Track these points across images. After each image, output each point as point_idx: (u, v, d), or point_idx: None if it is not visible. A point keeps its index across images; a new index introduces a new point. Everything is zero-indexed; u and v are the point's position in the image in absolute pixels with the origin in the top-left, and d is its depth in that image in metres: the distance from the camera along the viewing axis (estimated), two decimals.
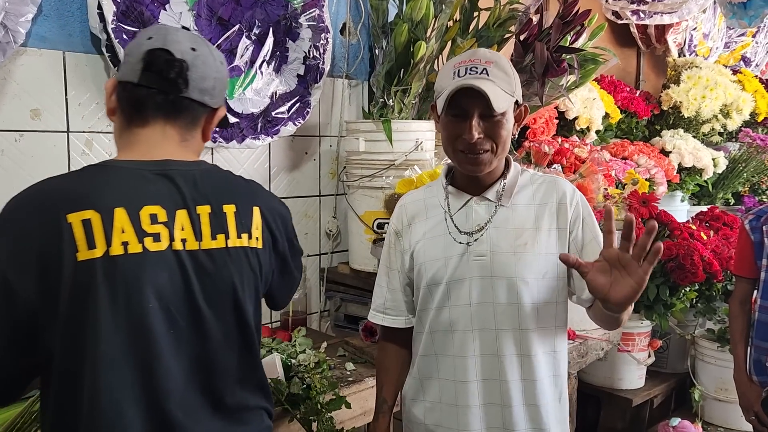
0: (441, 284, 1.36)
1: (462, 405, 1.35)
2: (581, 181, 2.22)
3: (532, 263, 1.33)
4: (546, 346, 1.36)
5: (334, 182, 2.43)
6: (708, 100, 3.59)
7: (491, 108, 1.25)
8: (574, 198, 1.38)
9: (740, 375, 2.21)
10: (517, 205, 1.37)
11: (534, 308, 1.33)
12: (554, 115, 2.83)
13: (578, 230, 1.37)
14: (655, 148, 3.37)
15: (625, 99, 3.48)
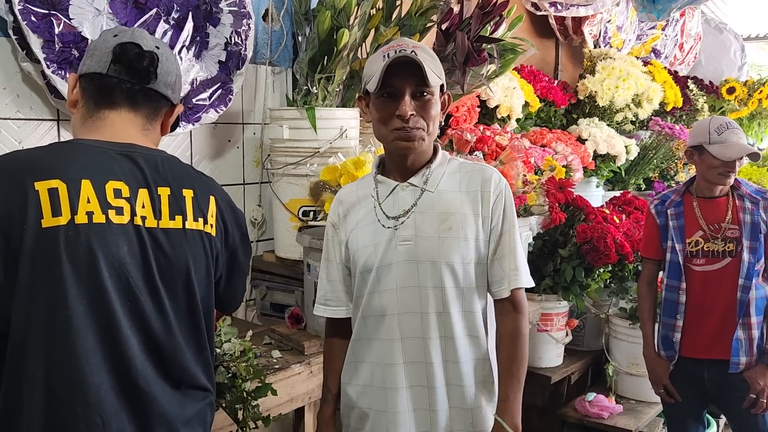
0: (372, 270, 1.40)
1: (390, 387, 1.39)
2: (501, 167, 2.29)
3: (456, 248, 1.37)
4: (470, 329, 1.41)
5: (258, 170, 2.40)
6: (621, 90, 3.77)
7: (424, 83, 1.30)
8: (498, 187, 1.42)
9: (649, 350, 2.36)
10: (443, 191, 1.40)
11: (458, 292, 1.38)
12: (476, 104, 2.90)
13: (498, 220, 1.41)
14: (572, 136, 3.51)
15: (544, 88, 3.60)
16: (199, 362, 1.21)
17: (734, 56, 5.80)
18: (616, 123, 3.93)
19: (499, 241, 1.41)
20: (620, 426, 2.60)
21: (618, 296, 2.93)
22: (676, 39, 5.23)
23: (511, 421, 1.39)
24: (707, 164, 2.18)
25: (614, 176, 3.94)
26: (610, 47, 4.40)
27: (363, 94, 1.43)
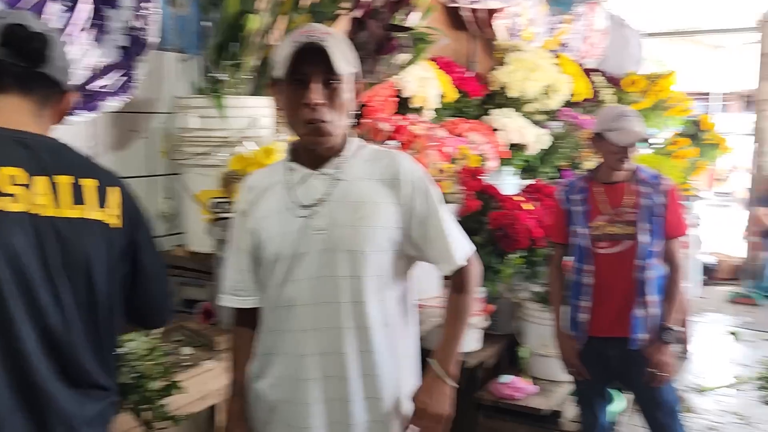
0: (282, 260, 1.37)
1: (302, 379, 1.37)
2: (415, 156, 2.31)
3: (371, 237, 1.35)
4: (387, 318, 1.40)
5: (166, 161, 2.31)
6: (530, 81, 3.89)
7: (333, 71, 1.27)
8: (413, 173, 1.41)
9: (559, 331, 2.45)
10: (356, 180, 1.39)
11: (374, 281, 1.37)
12: (392, 94, 2.91)
13: (418, 206, 1.40)
14: (487, 126, 3.59)
15: (459, 79, 3.65)
16: (99, 360, 1.15)
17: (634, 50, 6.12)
18: (528, 114, 4.05)
19: (425, 227, 1.40)
20: (533, 406, 2.70)
21: (530, 280, 3.03)
22: (583, 33, 5.45)
23: (445, 367, 1.42)
24: (606, 150, 2.30)
25: (528, 165, 4.07)
26: (521, 40, 4.52)
27: (273, 81, 1.39)
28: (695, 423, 3.68)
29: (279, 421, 1.40)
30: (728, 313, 6.03)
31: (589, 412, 2.48)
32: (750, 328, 5.52)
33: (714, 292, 6.73)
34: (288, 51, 1.28)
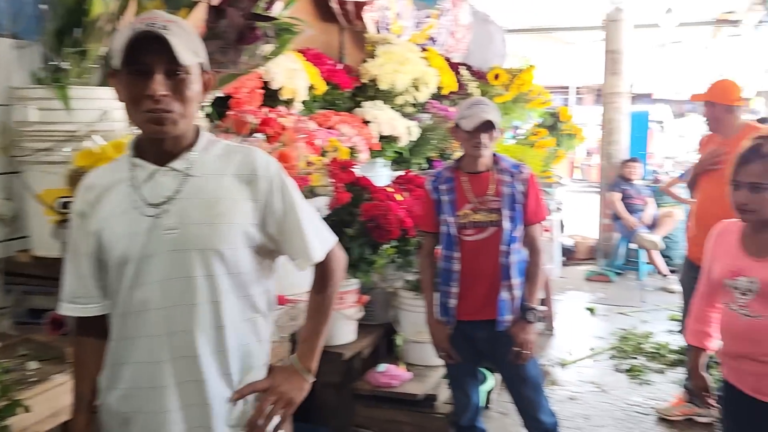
0: (130, 262, 1.28)
1: (158, 386, 1.29)
2: (283, 149, 2.26)
3: (227, 234, 1.31)
4: (247, 315, 1.36)
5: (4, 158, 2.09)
6: (400, 74, 3.95)
7: (176, 61, 1.21)
8: (268, 169, 1.38)
9: (430, 318, 2.52)
10: (209, 176, 1.33)
11: (231, 279, 1.32)
12: (259, 85, 2.83)
13: (275, 202, 1.37)
14: (358, 119, 3.61)
15: (329, 71, 3.63)
16: None
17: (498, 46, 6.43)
18: (399, 106, 4.12)
19: (282, 223, 1.38)
20: (409, 391, 2.76)
21: (403, 270, 3.09)
22: (449, 28, 5.62)
23: (305, 363, 1.44)
24: (461, 137, 2.40)
25: (399, 157, 4.14)
26: (390, 33, 4.58)
27: (112, 71, 1.29)
28: (558, 394, 3.95)
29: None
30: (586, 290, 6.54)
31: (461, 393, 2.58)
32: (605, 303, 6.02)
33: (573, 272, 7.27)
34: (125, 39, 1.20)
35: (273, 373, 1.42)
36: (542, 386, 2.52)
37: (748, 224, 2.00)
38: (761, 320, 1.90)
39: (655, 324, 5.30)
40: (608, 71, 7.37)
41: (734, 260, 2.00)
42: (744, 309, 1.95)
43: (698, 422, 3.52)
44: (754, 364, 1.94)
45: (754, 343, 1.93)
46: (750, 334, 1.94)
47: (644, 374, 4.23)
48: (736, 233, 2.04)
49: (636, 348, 4.67)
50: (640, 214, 6.84)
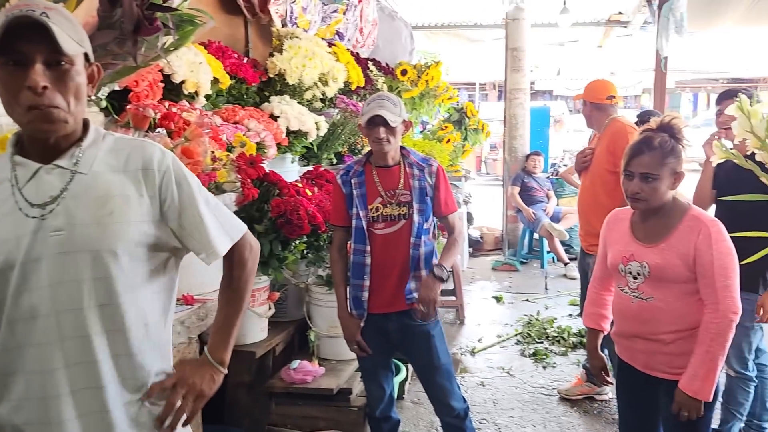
0: (15, 267, 1.20)
1: (52, 396, 1.22)
2: (187, 144, 2.19)
3: (121, 233, 1.25)
4: (146, 317, 1.31)
5: None
6: (308, 68, 3.92)
7: (58, 50, 1.14)
8: (163, 163, 1.32)
9: (342, 311, 2.53)
10: (99, 173, 1.26)
11: (126, 280, 1.26)
12: (159, 79, 2.72)
13: (172, 196, 1.32)
14: (265, 113, 3.55)
15: (234, 65, 3.55)
16: None
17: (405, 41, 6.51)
18: (307, 101, 4.09)
19: (182, 217, 1.33)
20: (323, 386, 2.76)
21: (315, 265, 3.07)
22: (356, 23, 5.64)
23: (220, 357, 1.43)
24: (364, 132, 2.43)
25: (308, 152, 4.11)
26: (297, 27, 4.54)
27: None
28: (468, 381, 4.08)
29: None
30: (493, 280, 6.78)
31: (374, 385, 2.60)
32: (511, 292, 6.27)
33: (480, 263, 7.52)
34: None
35: (182, 366, 1.39)
36: (453, 374, 2.59)
37: (637, 212, 2.13)
38: (651, 302, 2.05)
39: (557, 309, 5.58)
40: (510, 68, 7.65)
41: (626, 246, 2.13)
42: (635, 292, 2.09)
43: (597, 399, 3.75)
44: (645, 343, 2.08)
45: (644, 323, 2.07)
46: (640, 315, 2.08)
47: (548, 358, 4.45)
48: (627, 221, 2.17)
49: (540, 333, 4.90)
50: (543, 205, 7.17)
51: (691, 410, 1.96)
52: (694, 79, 20.50)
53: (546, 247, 7.07)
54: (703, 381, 1.94)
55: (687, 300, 2.01)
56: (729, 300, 1.93)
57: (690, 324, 2.00)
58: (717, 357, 1.93)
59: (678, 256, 1.99)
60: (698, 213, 2.04)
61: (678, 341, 2.02)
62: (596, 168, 3.50)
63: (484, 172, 17.65)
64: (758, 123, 2.23)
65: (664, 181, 2.01)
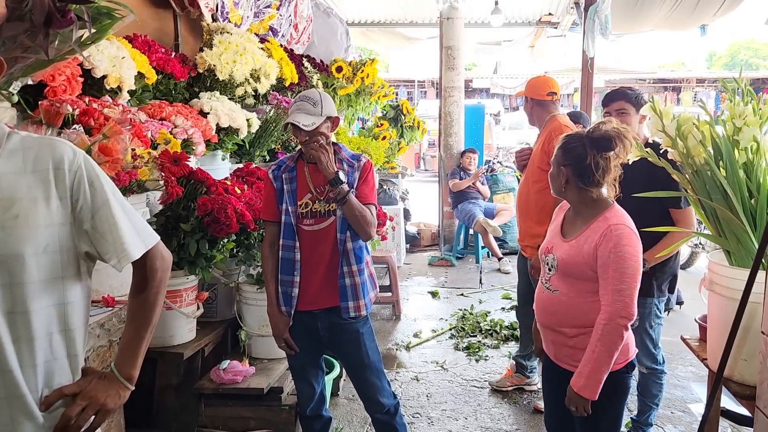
0: None
1: None
2: (105, 141, 2.13)
3: (28, 238, 1.20)
4: (61, 324, 1.27)
5: None
6: (239, 64, 3.86)
7: None
8: (74, 162, 1.28)
9: (272, 308, 2.50)
10: (3, 174, 1.21)
11: (38, 287, 1.22)
12: (78, 73, 2.62)
13: (84, 197, 1.28)
14: (194, 110, 3.48)
15: (161, 60, 3.46)
16: None
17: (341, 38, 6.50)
18: (239, 97, 4.03)
19: (95, 219, 1.29)
20: (253, 386, 2.73)
21: (245, 264, 3.04)
22: (290, 19, 5.59)
23: (127, 372, 1.38)
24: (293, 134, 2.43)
25: (240, 149, 4.06)
26: (228, 22, 4.46)
27: None
28: (403, 376, 4.13)
29: None
30: (429, 275, 6.87)
31: (304, 384, 2.59)
32: (447, 287, 6.37)
33: (417, 258, 7.60)
34: None
35: (86, 376, 1.34)
36: (382, 371, 2.61)
37: (570, 207, 2.20)
38: (556, 295, 2.12)
39: (491, 303, 5.70)
40: (445, 66, 7.76)
41: (552, 238, 2.21)
42: (547, 283, 2.17)
43: (527, 390, 3.86)
44: (553, 334, 2.16)
45: (551, 315, 2.15)
46: (549, 306, 2.15)
47: (481, 351, 4.54)
48: (563, 214, 2.25)
49: (474, 327, 5.00)
50: (478, 201, 7.32)
51: (578, 406, 1.99)
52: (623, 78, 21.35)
53: (481, 243, 7.22)
54: (587, 379, 1.96)
55: (588, 298, 2.03)
56: (619, 304, 1.93)
57: (590, 321, 2.02)
58: (602, 357, 1.94)
59: (581, 254, 2.03)
60: (611, 215, 2.05)
61: (579, 336, 2.05)
62: (531, 166, 3.54)
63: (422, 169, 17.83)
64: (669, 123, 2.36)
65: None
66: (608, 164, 2.06)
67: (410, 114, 7.78)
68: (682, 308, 5.06)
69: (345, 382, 3.83)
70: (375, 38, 10.18)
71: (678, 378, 4.06)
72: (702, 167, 2.20)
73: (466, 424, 3.48)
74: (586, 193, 2.10)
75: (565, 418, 2.25)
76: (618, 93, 3.03)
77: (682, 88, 22.86)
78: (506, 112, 20.54)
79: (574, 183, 2.09)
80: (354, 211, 2.37)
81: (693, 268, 6.72)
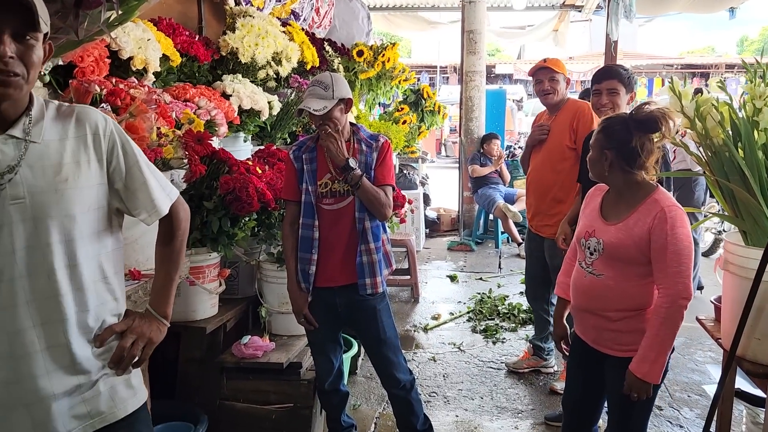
0: None
1: (21, 354, 1.29)
2: (132, 120, 2.19)
3: (76, 198, 1.33)
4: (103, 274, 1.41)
5: None
6: (261, 47, 3.92)
7: (32, 26, 1.23)
8: (107, 127, 1.41)
9: (292, 285, 2.57)
10: (50, 141, 1.33)
11: (84, 241, 1.35)
12: (105, 54, 2.70)
13: (117, 159, 1.41)
14: (217, 92, 3.54)
15: (185, 43, 3.52)
16: None
17: (362, 23, 6.50)
18: (260, 80, 4.09)
19: (126, 179, 1.42)
20: (273, 361, 2.81)
21: (266, 243, 3.11)
22: (312, 3, 5.62)
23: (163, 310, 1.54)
24: (309, 118, 2.46)
25: (262, 131, 4.12)
26: (251, 6, 4.51)
27: None
28: (420, 356, 4.19)
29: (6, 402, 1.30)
30: (448, 259, 6.90)
31: (323, 358, 2.66)
32: (465, 271, 6.40)
33: (437, 243, 7.64)
34: None
35: (130, 316, 1.48)
36: (398, 347, 2.66)
37: (610, 190, 2.16)
38: (601, 279, 2.08)
39: (509, 287, 5.73)
40: (466, 51, 7.73)
41: (592, 221, 2.17)
42: (589, 267, 2.13)
43: (543, 372, 3.89)
44: (594, 318, 2.12)
45: (593, 299, 2.11)
46: (591, 290, 2.12)
47: (498, 333, 4.58)
48: (600, 197, 2.21)
49: (492, 310, 5.04)
50: (499, 186, 7.31)
51: (640, 392, 1.97)
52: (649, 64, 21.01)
53: (500, 228, 7.23)
54: (651, 364, 1.95)
55: (636, 281, 2.02)
56: (680, 285, 1.92)
57: (637, 305, 2.02)
58: (666, 341, 1.94)
59: (631, 237, 2.00)
60: (660, 197, 2.02)
61: (624, 320, 2.04)
62: (549, 145, 3.51)
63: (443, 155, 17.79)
64: (688, 104, 2.36)
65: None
66: (653, 146, 2.03)
67: (431, 98, 7.77)
68: (703, 293, 5.03)
69: (363, 361, 3.90)
70: (397, 23, 10.16)
71: (696, 362, 4.06)
72: (720, 148, 2.19)
73: (482, 403, 3.53)
74: (631, 176, 2.06)
75: (590, 399, 2.26)
76: (611, 71, 3.01)
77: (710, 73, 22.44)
78: (529, 98, 20.37)
79: (619, 166, 2.06)
80: (368, 195, 2.43)
81: (715, 256, 6.66)
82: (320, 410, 2.96)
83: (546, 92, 3.54)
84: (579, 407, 2.32)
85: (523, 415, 3.39)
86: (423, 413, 2.75)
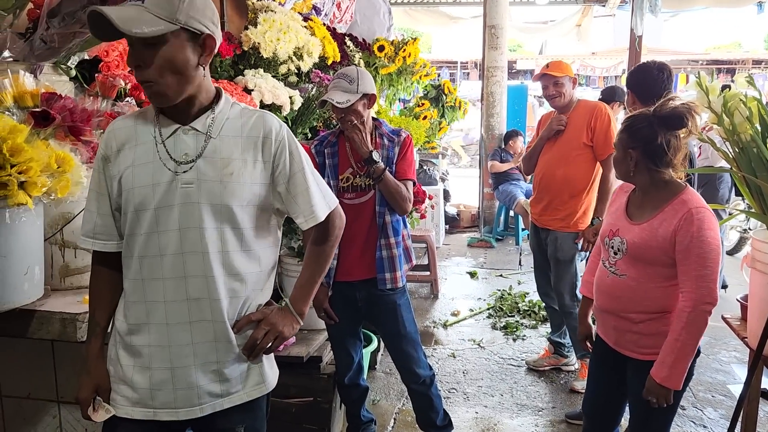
0: (149, 210, 1.42)
1: (173, 323, 1.43)
2: None
3: (237, 192, 1.44)
4: (251, 266, 1.50)
5: None
6: (282, 42, 3.92)
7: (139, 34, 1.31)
8: (280, 133, 1.51)
9: None
10: (225, 137, 1.46)
11: (237, 233, 1.46)
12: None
13: (284, 164, 1.50)
14: (239, 87, 3.56)
15: None
16: None
17: (383, 18, 6.50)
18: (282, 75, 4.10)
19: (289, 183, 1.51)
20: (294, 354, 2.82)
21: (287, 237, 3.12)
22: None
23: (300, 308, 1.60)
24: (332, 110, 2.47)
25: None
26: (272, 1, 4.52)
27: None
28: (440, 352, 4.18)
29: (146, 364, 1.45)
30: (468, 256, 6.88)
31: (343, 352, 2.67)
32: (485, 268, 6.37)
33: (457, 239, 7.61)
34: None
35: (267, 308, 1.56)
36: (419, 342, 2.66)
37: (637, 188, 2.10)
38: (623, 279, 2.03)
39: (530, 285, 5.66)
40: (488, 46, 7.68)
41: (616, 220, 2.11)
42: (612, 267, 2.07)
43: (564, 371, 3.86)
44: (616, 319, 2.07)
45: (615, 300, 2.06)
46: (613, 291, 2.06)
47: (518, 331, 4.55)
48: (626, 195, 2.15)
49: (512, 307, 5.01)
50: (519, 183, 7.26)
51: (660, 397, 1.92)
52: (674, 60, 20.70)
53: (521, 225, 7.18)
54: (671, 369, 1.89)
55: (659, 283, 1.97)
56: (704, 290, 1.86)
57: (660, 307, 1.98)
58: (687, 346, 1.88)
59: (656, 238, 1.95)
60: (688, 197, 1.96)
61: (647, 322, 2.00)
62: (564, 141, 3.52)
63: None
64: (715, 99, 2.32)
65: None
66: (680, 143, 1.97)
67: (452, 94, 7.73)
68: (727, 292, 4.95)
69: (383, 357, 3.91)
70: (418, 18, 10.13)
71: (720, 362, 4.00)
72: (748, 144, 2.15)
73: (502, 400, 3.51)
74: (658, 175, 2.00)
75: (611, 403, 2.22)
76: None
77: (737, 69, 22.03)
78: None
79: (645, 165, 2.00)
80: (389, 188, 2.42)
81: (740, 254, 6.54)
82: (340, 404, 2.97)
83: (552, 96, 3.57)
84: (600, 409, 2.28)
85: (544, 412, 3.37)
86: (443, 409, 2.74)
